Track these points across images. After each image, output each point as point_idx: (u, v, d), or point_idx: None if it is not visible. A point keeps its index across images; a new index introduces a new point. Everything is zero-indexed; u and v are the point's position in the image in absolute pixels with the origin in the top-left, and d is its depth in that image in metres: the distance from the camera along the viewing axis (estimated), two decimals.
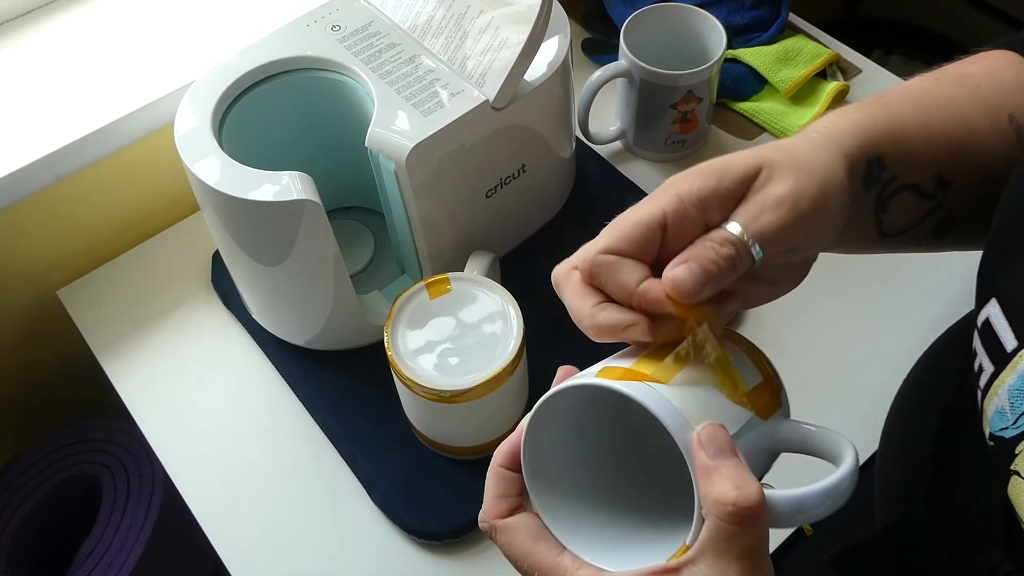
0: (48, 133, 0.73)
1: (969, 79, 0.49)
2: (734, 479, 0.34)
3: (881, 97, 0.48)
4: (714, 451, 0.35)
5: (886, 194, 0.46)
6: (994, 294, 0.41)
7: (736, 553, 0.34)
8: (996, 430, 0.39)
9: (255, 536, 0.66)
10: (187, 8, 0.84)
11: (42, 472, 0.88)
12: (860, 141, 0.44)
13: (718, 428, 0.36)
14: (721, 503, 0.34)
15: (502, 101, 0.64)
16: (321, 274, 0.66)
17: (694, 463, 0.35)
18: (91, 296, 0.80)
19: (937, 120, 0.47)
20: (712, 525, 0.35)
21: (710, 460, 0.35)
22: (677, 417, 0.35)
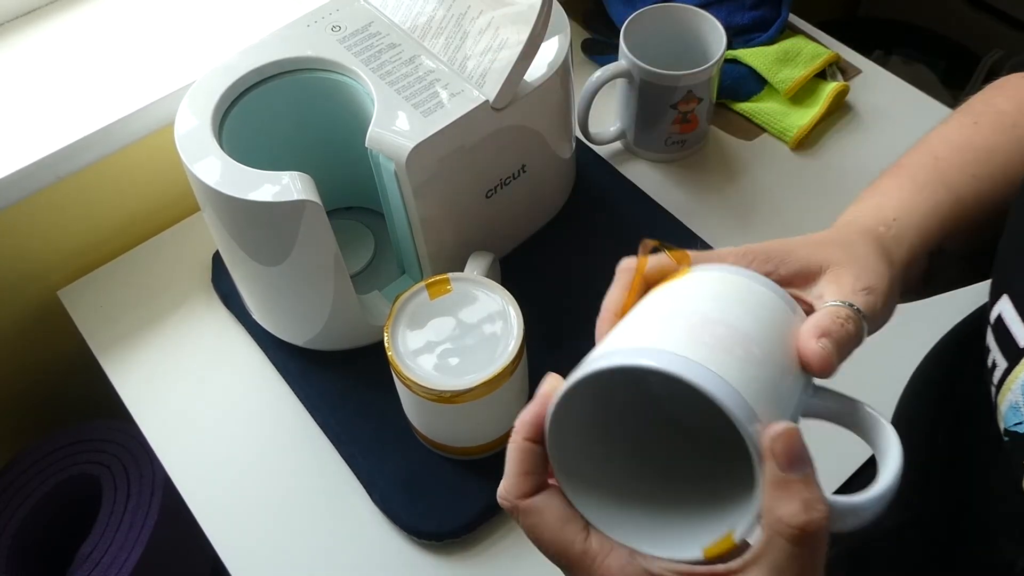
0: (49, 133, 0.73)
1: (1005, 118, 0.50)
2: (806, 500, 0.32)
3: (935, 159, 0.48)
4: (787, 463, 0.32)
5: (936, 268, 0.48)
6: (1007, 290, 0.41)
7: (795, 571, 0.33)
8: (1010, 425, 0.39)
9: (255, 536, 0.66)
10: (187, 8, 0.84)
11: (42, 472, 0.88)
12: (925, 238, 0.45)
13: (794, 433, 0.33)
14: (789, 525, 0.32)
15: (502, 101, 0.64)
16: (321, 274, 0.66)
17: (763, 470, 0.33)
18: (91, 296, 0.80)
19: (989, 186, 0.48)
20: (773, 542, 0.33)
21: (782, 471, 0.32)
22: (741, 405, 0.32)
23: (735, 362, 0.34)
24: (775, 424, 0.33)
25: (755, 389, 0.33)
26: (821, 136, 0.87)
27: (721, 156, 0.87)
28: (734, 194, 0.84)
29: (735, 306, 0.37)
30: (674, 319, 0.36)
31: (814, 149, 0.87)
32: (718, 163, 0.86)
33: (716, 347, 0.34)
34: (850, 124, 0.89)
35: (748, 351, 0.34)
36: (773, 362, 0.35)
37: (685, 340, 0.34)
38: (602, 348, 0.36)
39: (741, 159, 0.87)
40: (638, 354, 0.34)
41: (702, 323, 0.35)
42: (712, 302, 0.37)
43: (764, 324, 0.36)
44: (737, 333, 0.35)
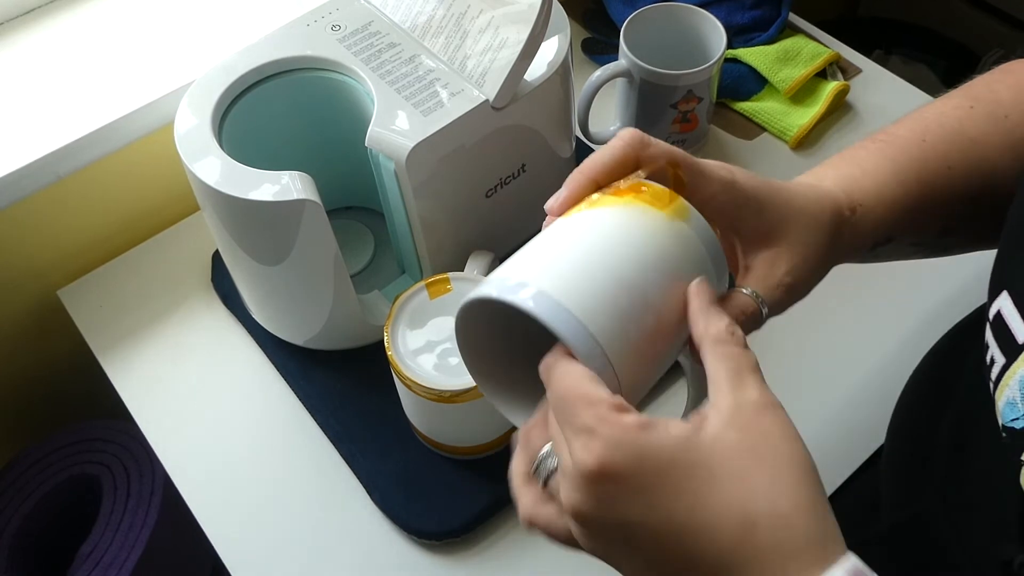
0: (48, 132, 0.73)
1: (1000, 108, 0.50)
2: (726, 318, 0.39)
3: (922, 141, 0.50)
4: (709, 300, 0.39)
5: (880, 253, 0.50)
6: (1006, 287, 0.41)
7: (751, 379, 0.37)
8: (1008, 421, 0.39)
9: (255, 536, 0.66)
10: (187, 8, 0.84)
11: (42, 472, 0.88)
12: (878, 226, 0.48)
13: (705, 285, 0.40)
14: (724, 331, 0.38)
15: (502, 101, 0.64)
16: (321, 274, 0.66)
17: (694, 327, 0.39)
18: (91, 296, 0.80)
19: (962, 178, 0.49)
20: (719, 365, 0.37)
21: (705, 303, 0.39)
22: (584, 340, 0.36)
23: (597, 300, 0.37)
24: (691, 284, 0.39)
25: (608, 331, 0.37)
26: (821, 136, 0.87)
27: (721, 156, 0.87)
28: None
29: (637, 258, 0.40)
30: (563, 256, 0.40)
31: (814, 148, 0.87)
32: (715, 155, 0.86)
33: (588, 289, 0.38)
34: (850, 124, 0.89)
35: (616, 295, 0.38)
36: (641, 308, 0.39)
37: (559, 278, 0.38)
38: (500, 269, 0.40)
39: (741, 159, 0.86)
40: (496, 286, 0.38)
41: (590, 268, 0.39)
42: (616, 248, 0.40)
43: (655, 281, 0.40)
44: (620, 282, 0.38)
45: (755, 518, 0.34)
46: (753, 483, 0.34)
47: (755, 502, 0.34)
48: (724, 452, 0.35)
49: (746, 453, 0.35)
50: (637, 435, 0.35)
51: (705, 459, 0.35)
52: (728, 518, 0.34)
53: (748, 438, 0.35)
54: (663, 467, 0.35)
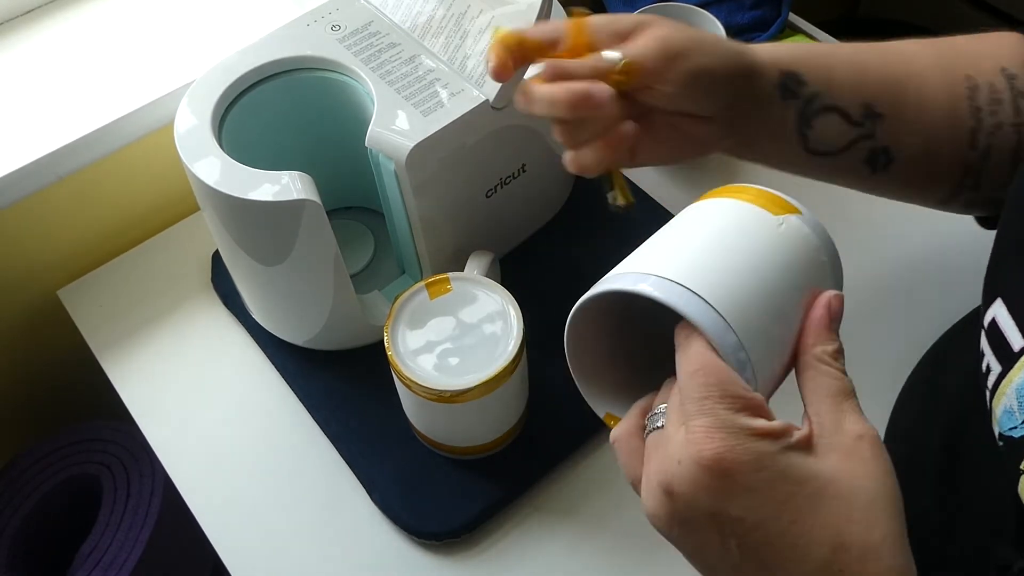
0: (48, 132, 0.73)
1: (940, 42, 0.53)
2: (836, 342, 0.41)
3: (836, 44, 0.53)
4: (835, 318, 0.41)
5: (809, 111, 0.50)
6: (1000, 294, 0.41)
7: (851, 404, 0.38)
8: (1005, 430, 0.39)
9: (255, 536, 0.66)
10: (187, 8, 0.84)
11: (42, 472, 0.88)
12: (776, 57, 0.49)
13: (840, 301, 0.41)
14: (826, 352, 0.39)
15: (502, 101, 0.64)
16: (321, 274, 0.66)
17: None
18: (91, 296, 0.80)
19: (874, 57, 0.51)
20: (821, 382, 0.38)
21: (830, 320, 0.40)
22: (720, 327, 0.37)
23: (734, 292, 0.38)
24: (826, 293, 0.40)
25: (744, 319, 0.38)
26: None
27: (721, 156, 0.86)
28: None
29: (767, 257, 0.40)
30: (692, 250, 0.41)
31: None
32: (718, 163, 0.86)
33: (720, 279, 0.38)
34: None
35: (747, 283, 0.39)
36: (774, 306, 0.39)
37: (692, 269, 0.38)
38: (624, 265, 0.41)
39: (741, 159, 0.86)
40: (626, 280, 0.39)
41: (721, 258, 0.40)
42: (741, 241, 0.41)
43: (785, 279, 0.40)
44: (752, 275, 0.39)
45: (848, 543, 0.35)
46: (852, 508, 0.35)
47: (851, 528, 0.35)
48: (831, 472, 0.36)
49: (847, 478, 0.36)
50: (759, 441, 0.35)
51: (815, 474, 0.35)
52: (823, 538, 0.35)
53: (851, 464, 0.36)
54: (777, 475, 0.35)
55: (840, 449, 0.36)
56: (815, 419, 0.37)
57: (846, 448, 0.36)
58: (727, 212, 0.42)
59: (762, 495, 0.35)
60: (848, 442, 0.36)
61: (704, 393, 0.36)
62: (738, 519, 0.35)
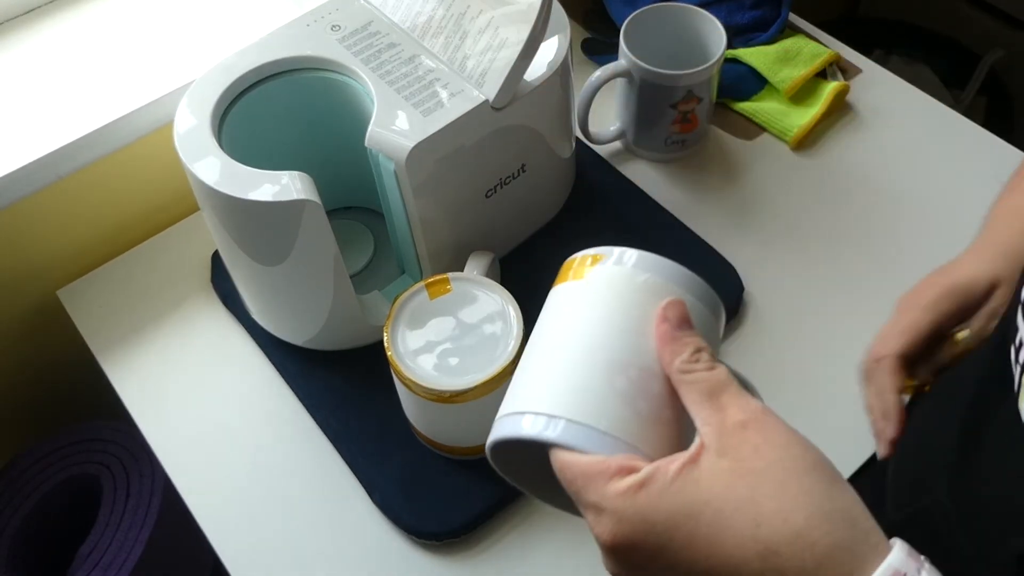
0: (48, 132, 0.73)
1: None
2: (696, 345, 0.38)
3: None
4: (677, 323, 0.38)
5: None
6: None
7: (725, 398, 0.36)
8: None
9: (255, 536, 0.66)
10: (187, 8, 0.84)
11: (42, 472, 0.88)
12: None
13: (680, 304, 0.39)
14: (686, 363, 0.37)
15: (502, 101, 0.64)
16: (321, 274, 0.66)
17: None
18: (91, 296, 0.80)
19: None
20: (684, 392, 0.37)
21: (673, 329, 0.38)
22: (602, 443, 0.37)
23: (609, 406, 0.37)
24: (666, 300, 0.39)
25: (621, 423, 0.37)
26: (821, 136, 0.87)
27: (721, 156, 0.87)
28: (734, 194, 0.84)
29: (611, 331, 0.39)
30: (523, 372, 0.41)
31: (814, 149, 0.87)
32: (718, 163, 0.86)
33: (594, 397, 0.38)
34: (850, 124, 0.89)
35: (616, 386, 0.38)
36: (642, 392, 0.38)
37: (553, 396, 0.38)
38: (508, 401, 0.41)
39: (741, 159, 0.86)
40: (512, 426, 0.39)
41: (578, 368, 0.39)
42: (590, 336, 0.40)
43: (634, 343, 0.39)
44: (610, 366, 0.38)
45: (772, 545, 0.33)
46: (758, 507, 0.33)
47: (766, 527, 0.33)
48: (722, 483, 0.34)
49: (743, 477, 0.34)
50: (635, 498, 0.34)
51: (707, 497, 0.34)
52: (746, 553, 0.33)
53: (739, 461, 0.34)
54: (670, 521, 0.34)
55: (730, 450, 0.34)
56: (702, 429, 0.36)
57: (735, 446, 0.34)
58: (553, 305, 0.43)
59: (671, 547, 0.34)
60: (735, 439, 0.35)
61: (573, 490, 0.36)
62: (670, 570, 0.35)
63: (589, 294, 0.40)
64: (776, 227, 0.81)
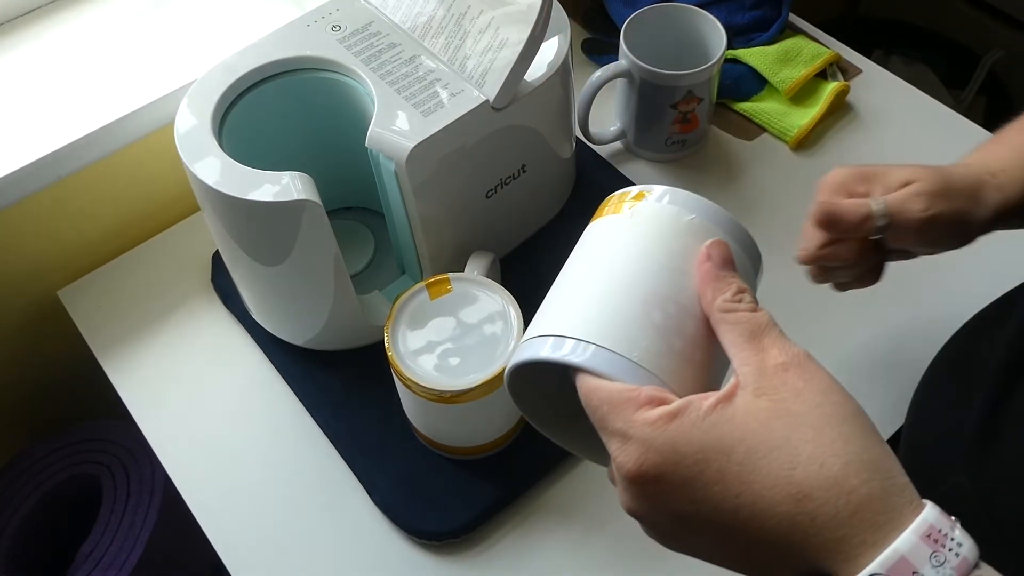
0: (49, 133, 0.73)
1: None
2: (739, 286, 0.38)
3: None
4: (720, 263, 0.39)
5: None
6: None
7: (768, 339, 0.36)
8: None
9: (255, 536, 0.66)
10: (187, 8, 0.84)
11: (42, 472, 0.88)
12: (1014, 178, 0.52)
13: (724, 244, 0.39)
14: (727, 302, 0.37)
15: (502, 101, 0.64)
16: (321, 274, 0.66)
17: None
18: (91, 296, 0.80)
19: None
20: (722, 330, 0.37)
21: (717, 269, 0.38)
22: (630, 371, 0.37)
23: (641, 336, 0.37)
24: (712, 240, 0.39)
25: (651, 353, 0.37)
26: (821, 136, 0.87)
27: (721, 156, 0.87)
28: (734, 194, 0.84)
29: (645, 266, 0.39)
30: (558, 298, 0.41)
31: (814, 149, 0.87)
32: (718, 163, 0.86)
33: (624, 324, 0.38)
34: (850, 124, 0.89)
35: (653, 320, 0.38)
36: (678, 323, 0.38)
37: (587, 319, 0.38)
38: (535, 325, 0.41)
39: (741, 159, 0.86)
40: (537, 348, 0.39)
41: (610, 295, 0.39)
42: (623, 267, 0.40)
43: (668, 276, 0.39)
44: (648, 299, 0.38)
45: (806, 489, 0.32)
46: (795, 449, 0.32)
47: (802, 470, 0.32)
48: (758, 423, 0.33)
49: (781, 418, 0.33)
50: (665, 428, 0.34)
51: (740, 435, 0.33)
52: (777, 494, 0.32)
53: (779, 402, 0.33)
54: (700, 454, 0.33)
55: (769, 390, 0.34)
56: (740, 369, 0.35)
57: (775, 387, 0.34)
58: (591, 237, 0.42)
59: (698, 481, 0.33)
60: (775, 380, 0.34)
61: (599, 416, 0.36)
62: (694, 513, 0.34)
63: (632, 227, 0.40)
64: (776, 227, 0.81)
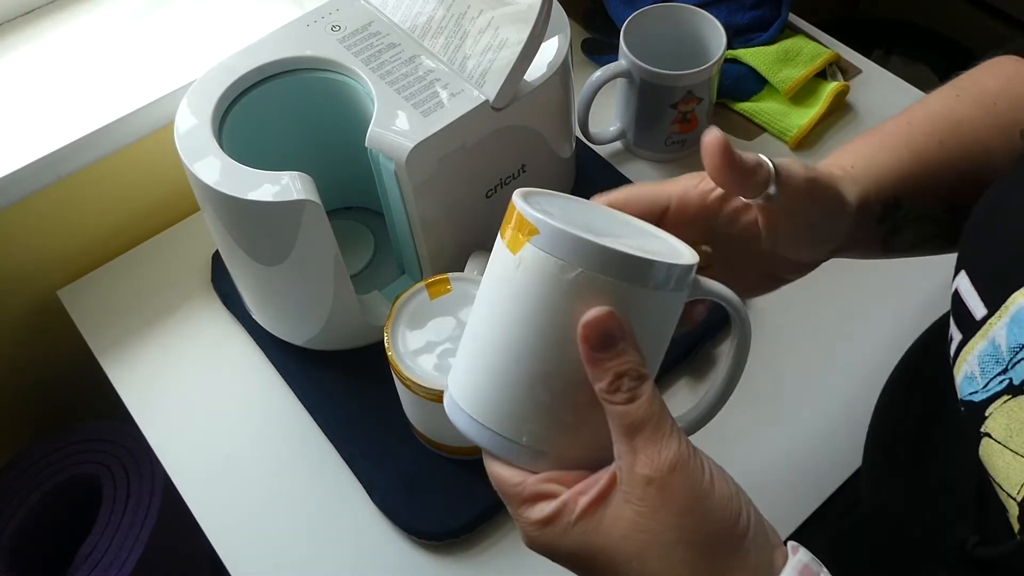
0: (49, 133, 0.73)
1: (987, 96, 0.52)
2: (618, 371, 0.36)
3: (907, 124, 0.51)
4: (598, 345, 0.36)
5: (900, 226, 0.50)
6: (963, 266, 0.42)
7: (640, 441, 0.36)
8: (965, 395, 0.40)
9: (255, 536, 0.66)
10: (187, 9, 0.84)
11: (42, 472, 0.88)
12: (880, 186, 0.48)
13: (602, 318, 0.35)
14: (605, 391, 0.37)
15: (502, 101, 0.64)
16: (321, 274, 0.66)
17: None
18: (91, 296, 0.80)
19: (957, 154, 0.50)
20: (609, 420, 0.37)
21: (593, 352, 0.36)
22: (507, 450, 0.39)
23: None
24: (589, 312, 0.35)
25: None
26: (821, 136, 0.87)
27: None
28: None
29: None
30: (463, 355, 0.41)
31: (814, 149, 0.87)
32: None
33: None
34: (850, 124, 0.89)
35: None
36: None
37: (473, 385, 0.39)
38: (454, 372, 0.42)
39: None
40: (450, 408, 0.41)
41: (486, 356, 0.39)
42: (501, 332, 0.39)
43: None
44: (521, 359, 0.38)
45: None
46: (644, 565, 0.35)
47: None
48: (620, 534, 0.36)
49: (639, 533, 0.35)
50: (542, 532, 0.37)
51: (603, 543, 0.36)
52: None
53: (639, 515, 0.35)
54: (572, 556, 0.37)
55: (634, 499, 0.35)
56: (617, 463, 0.36)
57: (638, 497, 0.35)
58: (489, 273, 0.40)
59: (575, 570, 0.38)
60: (637, 490, 0.35)
61: (499, 493, 0.39)
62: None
63: (517, 285, 0.37)
64: None
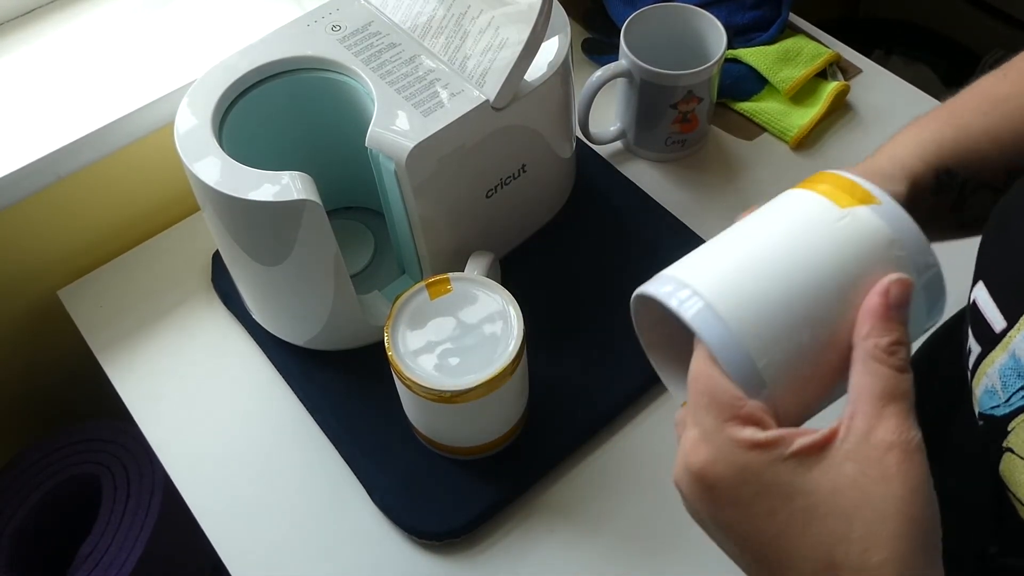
0: (49, 133, 0.73)
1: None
2: (899, 335, 0.36)
3: (950, 104, 0.51)
4: (896, 304, 0.36)
5: (962, 197, 0.49)
6: (981, 276, 0.42)
7: (893, 408, 0.35)
8: (986, 409, 0.40)
9: (255, 536, 0.66)
10: (187, 8, 0.84)
11: (42, 472, 0.88)
12: (925, 159, 0.47)
13: (908, 284, 0.36)
14: (878, 347, 0.35)
15: (502, 101, 0.64)
16: (321, 274, 0.66)
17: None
18: (91, 296, 0.80)
19: (1003, 120, 0.49)
20: (865, 382, 0.35)
21: (889, 307, 0.36)
22: (743, 365, 0.36)
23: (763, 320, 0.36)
24: (896, 273, 0.36)
25: (767, 348, 0.36)
26: (821, 136, 0.87)
27: (721, 156, 0.87)
28: (734, 194, 0.84)
29: (798, 254, 0.38)
30: (729, 255, 0.39)
31: (814, 149, 0.87)
32: (718, 163, 0.86)
33: (751, 300, 0.36)
34: (850, 124, 0.89)
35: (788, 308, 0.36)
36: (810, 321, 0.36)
37: (722, 283, 0.37)
38: (679, 264, 0.40)
39: (741, 159, 0.86)
40: (666, 289, 0.38)
41: (752, 268, 0.37)
42: (780, 245, 0.38)
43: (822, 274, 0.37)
44: (786, 288, 0.37)
45: (840, 564, 0.33)
46: (851, 527, 0.33)
47: (845, 548, 0.33)
48: (832, 485, 0.33)
49: (854, 491, 0.33)
50: (745, 452, 0.34)
51: (809, 488, 0.33)
52: (812, 556, 0.33)
53: (863, 476, 0.33)
54: (763, 489, 0.34)
55: (862, 459, 0.33)
56: (848, 421, 0.34)
57: (869, 459, 0.33)
58: (792, 207, 0.40)
59: (744, 508, 0.34)
60: (874, 453, 0.33)
61: (695, 401, 0.36)
62: (729, 525, 0.35)
63: (836, 236, 0.38)
64: None
